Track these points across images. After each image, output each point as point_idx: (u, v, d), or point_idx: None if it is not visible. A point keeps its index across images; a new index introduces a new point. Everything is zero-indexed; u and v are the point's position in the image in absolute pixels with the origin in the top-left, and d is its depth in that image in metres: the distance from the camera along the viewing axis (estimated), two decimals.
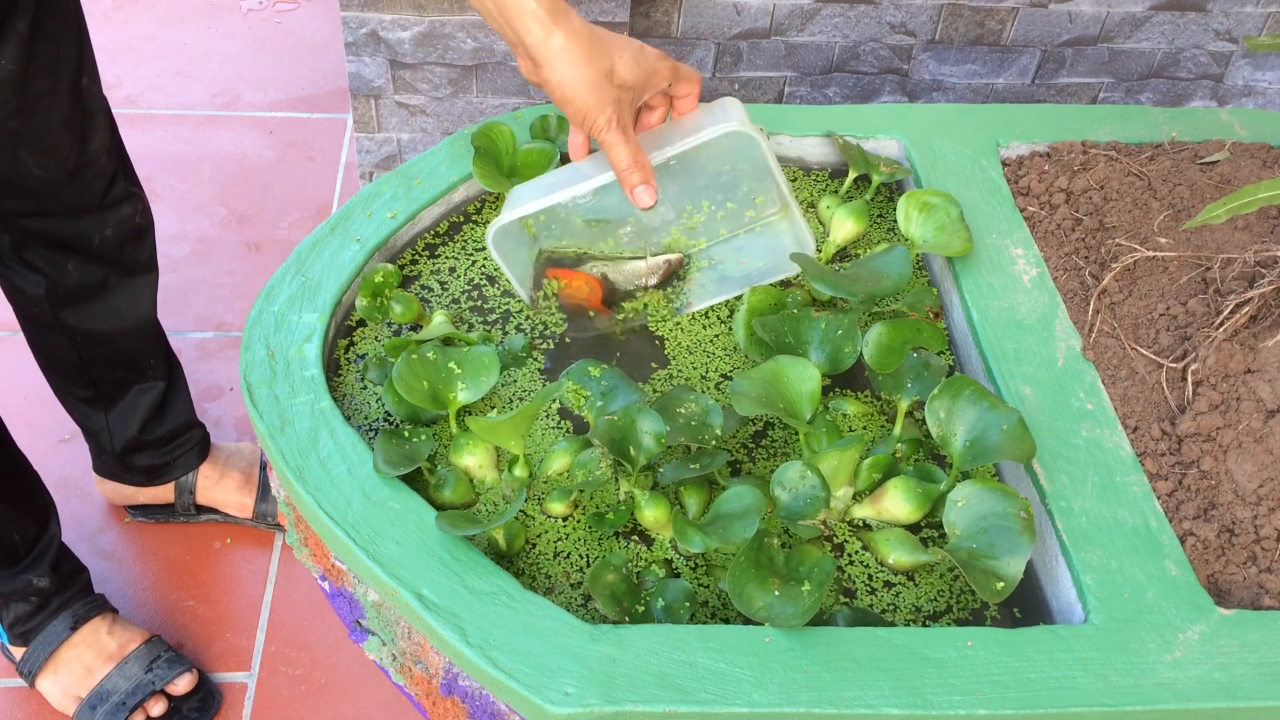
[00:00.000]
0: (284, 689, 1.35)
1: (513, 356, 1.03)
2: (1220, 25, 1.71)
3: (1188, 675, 0.80)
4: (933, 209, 1.10)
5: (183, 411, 1.42)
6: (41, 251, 1.19)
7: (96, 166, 1.17)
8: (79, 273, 1.22)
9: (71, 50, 1.09)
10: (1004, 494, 0.85)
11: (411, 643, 0.87)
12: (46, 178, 1.12)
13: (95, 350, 1.30)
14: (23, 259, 1.20)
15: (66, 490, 1.53)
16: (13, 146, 1.08)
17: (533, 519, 0.92)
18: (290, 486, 0.90)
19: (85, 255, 1.21)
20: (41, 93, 1.06)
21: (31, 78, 1.04)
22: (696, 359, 1.04)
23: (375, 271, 1.05)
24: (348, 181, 2.04)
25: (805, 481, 0.87)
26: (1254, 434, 0.92)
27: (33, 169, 1.11)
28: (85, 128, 1.13)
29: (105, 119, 1.16)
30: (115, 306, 1.27)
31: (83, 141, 1.13)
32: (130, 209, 1.23)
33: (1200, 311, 1.02)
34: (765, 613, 0.79)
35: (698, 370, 1.03)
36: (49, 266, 1.20)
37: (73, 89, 1.10)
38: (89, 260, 1.22)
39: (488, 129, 1.16)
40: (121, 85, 2.20)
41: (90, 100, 1.12)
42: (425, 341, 0.97)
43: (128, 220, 1.23)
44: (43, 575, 1.26)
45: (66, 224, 1.18)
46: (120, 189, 1.21)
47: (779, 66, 1.70)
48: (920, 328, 1.01)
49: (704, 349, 1.05)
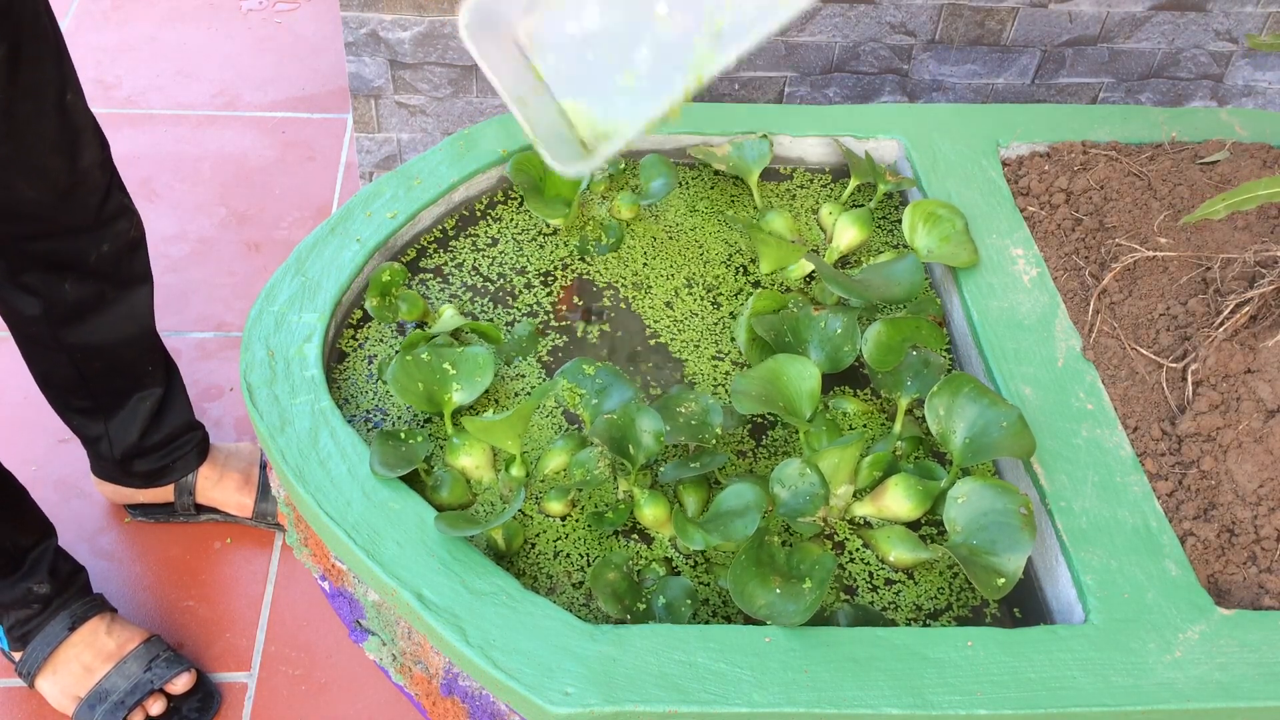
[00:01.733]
0: (284, 689, 1.35)
1: (519, 345, 1.03)
2: (1220, 25, 1.71)
3: (1188, 675, 0.79)
4: (939, 220, 1.10)
5: (181, 413, 1.41)
6: (37, 274, 1.19)
7: (89, 183, 1.16)
8: (75, 290, 1.21)
9: (53, 70, 1.08)
10: (1004, 490, 0.85)
11: (411, 643, 0.87)
12: (41, 200, 1.11)
13: (94, 364, 1.29)
14: (18, 282, 1.19)
15: (66, 490, 1.53)
16: (4, 172, 1.07)
17: (531, 519, 0.92)
18: (290, 486, 0.90)
19: (81, 273, 1.20)
20: (28, 117, 1.06)
21: (15, 101, 1.04)
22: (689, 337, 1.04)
23: (382, 271, 1.05)
24: (348, 181, 2.04)
25: (805, 479, 0.87)
26: (1254, 434, 0.92)
27: (26, 192, 1.10)
28: (74, 146, 1.12)
29: (93, 133, 1.15)
30: (113, 320, 1.27)
31: (73, 160, 1.12)
32: (125, 224, 1.23)
33: (1200, 311, 1.02)
34: (767, 610, 0.79)
35: (690, 348, 1.03)
36: (45, 287, 1.19)
37: (58, 108, 1.09)
38: (85, 278, 1.21)
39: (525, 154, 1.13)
40: (121, 85, 2.20)
41: (77, 117, 1.12)
42: (435, 335, 0.98)
43: (123, 235, 1.23)
44: (42, 581, 1.26)
45: (63, 244, 1.17)
46: (115, 203, 1.20)
47: (779, 66, 1.70)
48: (919, 325, 1.01)
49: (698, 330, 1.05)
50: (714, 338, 1.06)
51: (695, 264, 1.14)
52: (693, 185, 1.22)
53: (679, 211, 1.19)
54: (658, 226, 1.18)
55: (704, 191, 1.22)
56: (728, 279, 1.13)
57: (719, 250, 1.15)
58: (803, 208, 1.21)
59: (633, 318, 1.09)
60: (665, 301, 1.10)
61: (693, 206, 1.19)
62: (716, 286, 1.12)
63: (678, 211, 1.19)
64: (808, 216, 1.20)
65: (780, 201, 1.21)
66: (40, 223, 1.14)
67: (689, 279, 1.12)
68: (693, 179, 1.23)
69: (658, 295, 1.11)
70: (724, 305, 1.10)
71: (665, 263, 1.14)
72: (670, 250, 1.15)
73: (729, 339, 1.07)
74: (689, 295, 1.11)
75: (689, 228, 1.18)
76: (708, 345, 1.06)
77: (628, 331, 1.07)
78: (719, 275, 1.13)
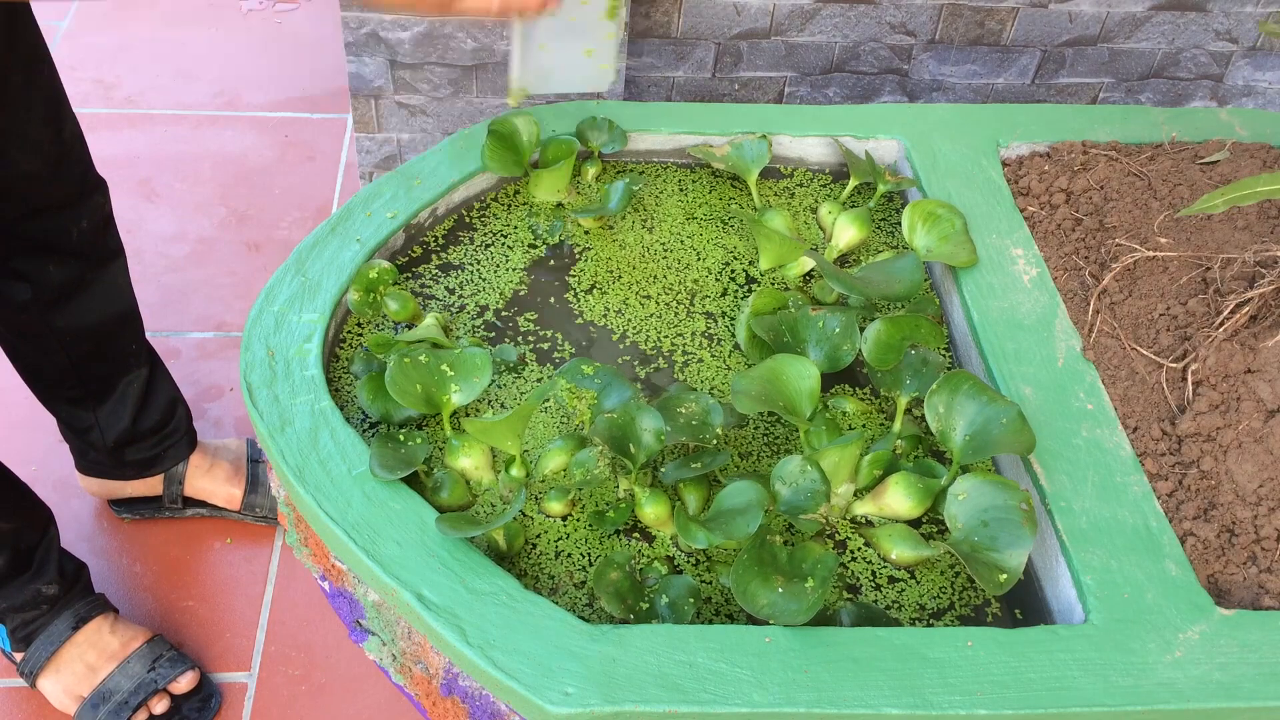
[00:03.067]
0: (284, 689, 1.35)
1: (506, 368, 1.03)
2: (1220, 25, 1.71)
3: (1188, 675, 0.79)
4: (938, 219, 1.11)
5: (168, 390, 1.41)
6: (24, 257, 1.20)
7: (74, 153, 1.18)
8: (59, 272, 1.22)
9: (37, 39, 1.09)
10: (1005, 486, 0.85)
11: (411, 643, 0.87)
12: (35, 173, 1.13)
13: (83, 346, 1.29)
14: (8, 269, 1.20)
15: (66, 490, 1.53)
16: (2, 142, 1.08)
17: (531, 519, 0.92)
18: (290, 486, 0.90)
19: (63, 253, 1.21)
20: (18, 85, 1.07)
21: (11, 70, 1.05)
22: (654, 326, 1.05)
23: (370, 268, 1.05)
24: (348, 181, 2.04)
25: (806, 476, 0.87)
26: (1254, 434, 0.92)
27: (23, 165, 1.11)
28: (57, 116, 1.14)
29: (68, 104, 1.17)
30: (98, 298, 1.28)
31: (58, 130, 1.14)
32: (101, 197, 1.25)
33: (1200, 311, 1.02)
34: (769, 610, 0.79)
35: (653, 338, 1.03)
36: (33, 270, 1.20)
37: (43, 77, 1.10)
38: (66, 258, 1.22)
39: (512, 116, 1.17)
40: (121, 85, 2.20)
41: (55, 87, 1.13)
42: (415, 343, 0.97)
43: (99, 209, 1.24)
44: (50, 582, 1.27)
45: (50, 223, 1.18)
46: (94, 176, 1.22)
47: (779, 66, 1.70)
48: (918, 324, 1.01)
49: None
50: (710, 346, 1.06)
51: (692, 270, 1.14)
52: (691, 190, 1.22)
53: (676, 220, 1.19)
54: (651, 237, 1.18)
55: (702, 196, 1.22)
56: (723, 284, 1.13)
57: (716, 256, 1.15)
58: (801, 206, 1.21)
59: (624, 322, 1.09)
60: (656, 304, 1.10)
61: (690, 213, 1.19)
62: (700, 290, 1.12)
63: (675, 220, 1.19)
64: (807, 216, 1.20)
65: (779, 201, 1.21)
66: (33, 198, 1.15)
67: (681, 284, 1.12)
68: (692, 182, 1.23)
69: (648, 298, 1.11)
70: (722, 308, 1.10)
71: (658, 267, 1.14)
72: (664, 255, 1.15)
73: (728, 344, 1.07)
74: (674, 298, 1.11)
75: (686, 234, 1.18)
76: (704, 353, 1.06)
77: (624, 335, 1.07)
78: (714, 282, 1.13)
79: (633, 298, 1.10)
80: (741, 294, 1.11)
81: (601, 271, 1.12)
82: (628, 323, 1.08)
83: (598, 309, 1.09)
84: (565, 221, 1.16)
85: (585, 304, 1.09)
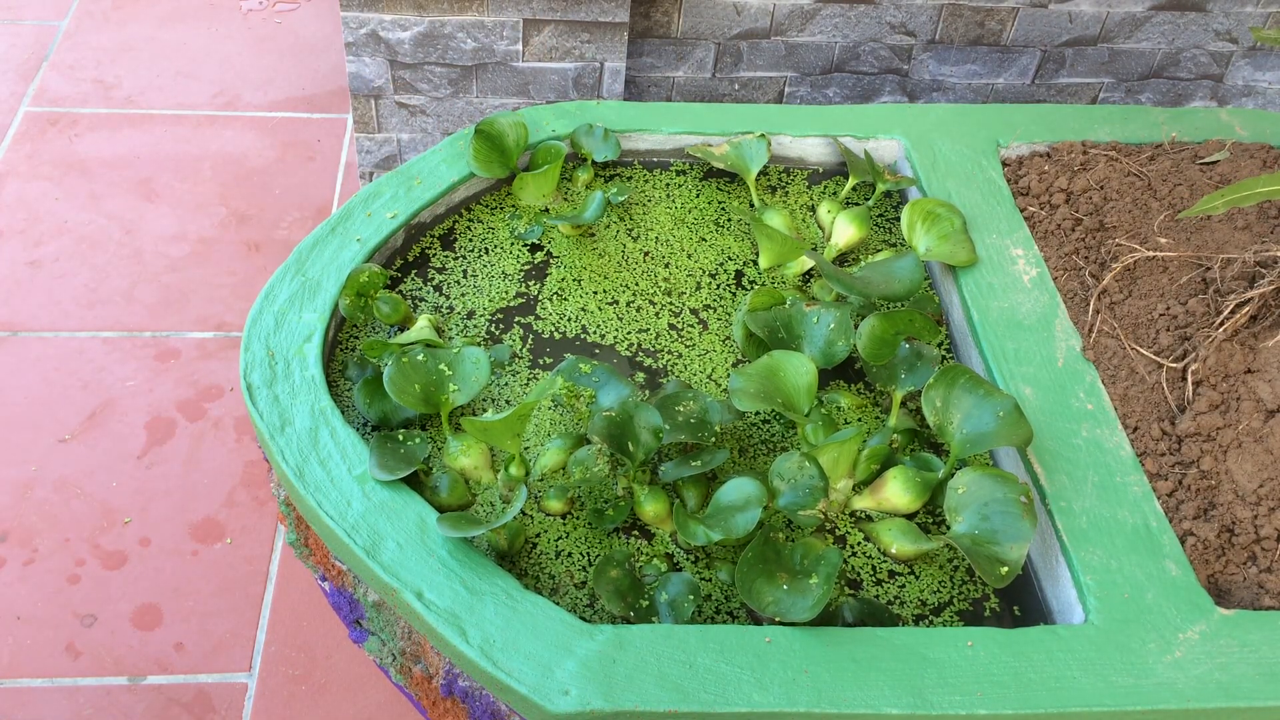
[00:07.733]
0: (284, 689, 1.35)
1: (502, 367, 1.03)
2: (1220, 25, 1.71)
3: (1188, 675, 0.79)
4: (937, 219, 1.11)
5: None
6: None
7: None
8: None
9: None
10: (1003, 479, 0.85)
11: (411, 643, 0.87)
12: None
13: None
14: None
15: (66, 490, 1.53)
16: None
17: (531, 518, 0.91)
18: (290, 486, 0.90)
19: None
20: None
21: None
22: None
23: (361, 271, 1.05)
24: (348, 181, 2.04)
25: (804, 472, 0.87)
26: (1254, 434, 0.92)
27: None
28: None
29: None
30: None
31: None
32: None
33: (1200, 311, 1.02)
34: (775, 608, 0.79)
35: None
36: None
37: None
38: None
39: (498, 118, 1.17)
40: (121, 85, 2.20)
41: None
42: (408, 345, 0.97)
43: None
44: None
45: None
46: None
47: (779, 66, 1.70)
48: (912, 318, 1.01)
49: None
50: (708, 350, 1.06)
51: (680, 270, 1.14)
52: (679, 195, 1.22)
53: (664, 225, 1.19)
54: (648, 239, 1.18)
55: (690, 200, 1.22)
56: (719, 286, 1.12)
57: (709, 257, 1.15)
58: (799, 205, 1.21)
59: (617, 324, 1.09)
60: (636, 306, 1.10)
61: (680, 218, 1.19)
62: (677, 289, 1.12)
63: (663, 224, 1.19)
64: (806, 215, 1.20)
65: (778, 200, 1.21)
66: None
67: (674, 288, 1.12)
68: (678, 187, 1.23)
69: (639, 302, 1.11)
70: (718, 311, 1.10)
71: (652, 270, 1.14)
72: (661, 256, 1.15)
73: (723, 348, 1.07)
74: (668, 300, 1.11)
75: (678, 238, 1.17)
76: (702, 357, 1.06)
77: (620, 336, 1.07)
78: (708, 280, 1.13)
79: (609, 300, 1.10)
80: (731, 293, 1.11)
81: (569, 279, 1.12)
82: (604, 323, 1.08)
83: (568, 312, 1.09)
84: (545, 228, 1.16)
85: (553, 307, 1.09)
